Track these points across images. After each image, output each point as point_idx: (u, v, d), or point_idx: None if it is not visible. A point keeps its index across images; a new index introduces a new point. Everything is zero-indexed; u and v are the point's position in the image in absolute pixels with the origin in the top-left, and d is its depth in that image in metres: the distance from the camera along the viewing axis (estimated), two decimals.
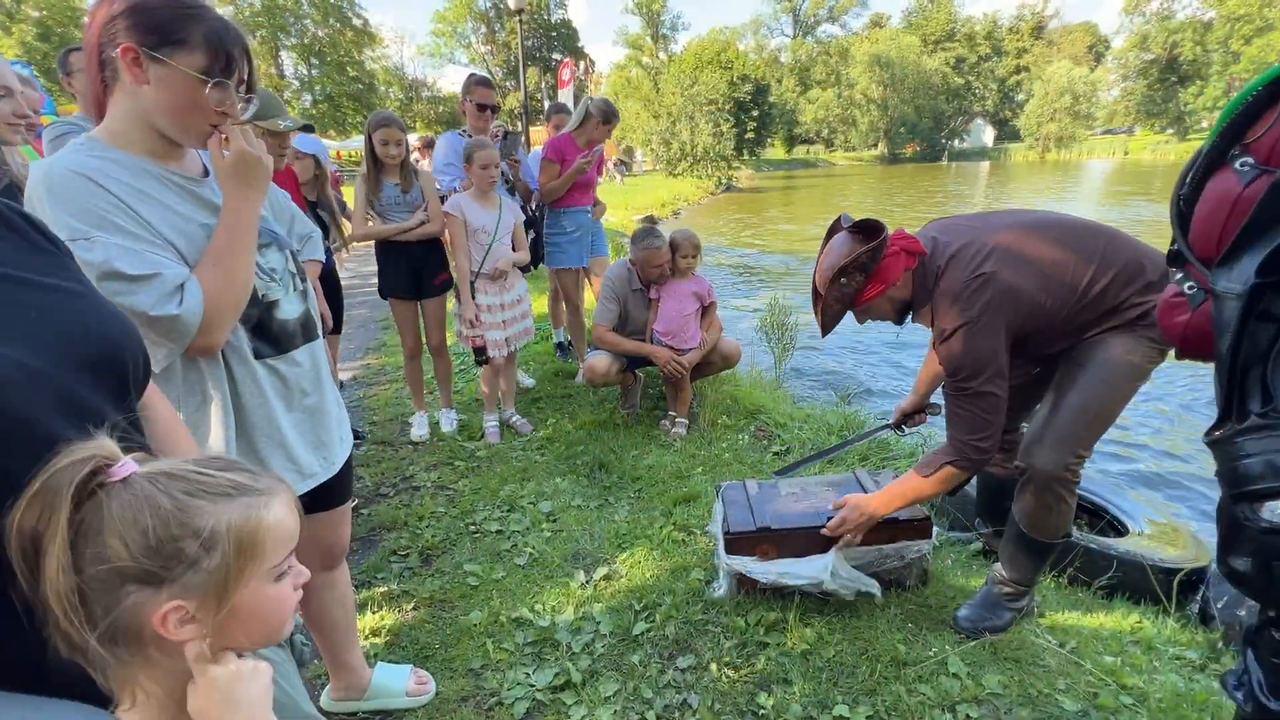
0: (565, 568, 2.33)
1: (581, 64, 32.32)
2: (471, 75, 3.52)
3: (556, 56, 49.72)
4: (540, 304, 4.99)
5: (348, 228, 3.28)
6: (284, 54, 42.89)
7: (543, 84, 45.78)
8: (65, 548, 0.54)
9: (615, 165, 26.40)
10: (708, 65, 38.35)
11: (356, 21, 43.81)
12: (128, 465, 0.59)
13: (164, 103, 1.02)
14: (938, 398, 2.15)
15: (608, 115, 3.56)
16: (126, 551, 0.56)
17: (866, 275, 1.71)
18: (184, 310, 0.99)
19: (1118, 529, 2.60)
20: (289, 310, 1.24)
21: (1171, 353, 1.74)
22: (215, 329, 1.06)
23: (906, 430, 2.38)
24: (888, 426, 2.43)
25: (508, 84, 45.03)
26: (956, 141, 62.26)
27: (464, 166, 3.09)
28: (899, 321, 1.86)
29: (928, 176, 35.96)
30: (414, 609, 2.13)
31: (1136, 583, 2.18)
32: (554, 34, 53.98)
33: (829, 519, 1.93)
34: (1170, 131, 51.29)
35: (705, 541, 2.38)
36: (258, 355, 1.19)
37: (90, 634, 0.55)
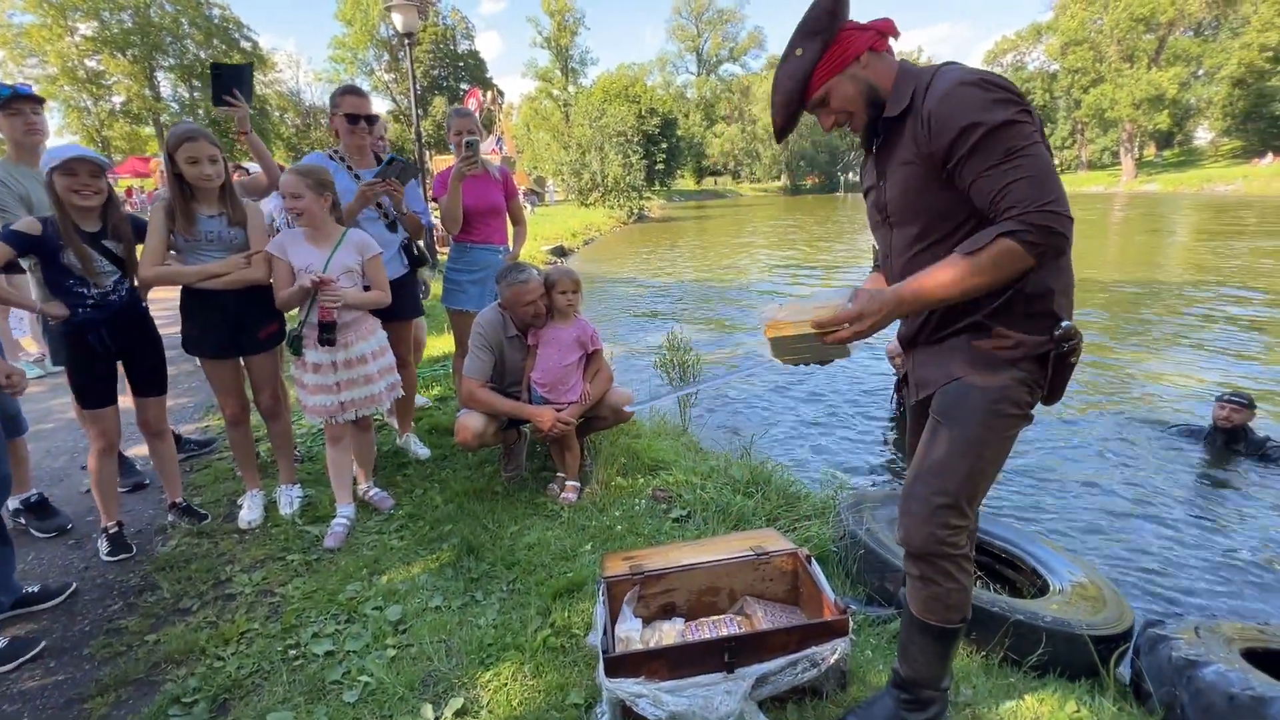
0: (409, 700, 1.82)
1: (489, 94, 31.77)
2: (340, 86, 3.01)
3: (464, 86, 48.97)
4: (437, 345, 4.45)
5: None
6: (160, 75, 39.57)
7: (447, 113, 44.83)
8: None
9: (526, 195, 25.98)
10: (616, 98, 39.04)
11: (245, 44, 41.23)
12: None
13: None
14: None
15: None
16: None
17: (824, 42, 1.34)
18: None
19: (1035, 583, 2.43)
20: None
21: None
22: None
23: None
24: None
25: (412, 113, 43.68)
26: (851, 175, 66.60)
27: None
28: (869, 123, 1.40)
29: (826, 206, 38.07)
30: None
31: (1067, 654, 1.96)
32: (461, 64, 53.25)
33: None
34: None
35: (588, 649, 1.95)
36: None
37: None
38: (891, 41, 1.40)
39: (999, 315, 1.35)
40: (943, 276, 1.26)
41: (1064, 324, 1.35)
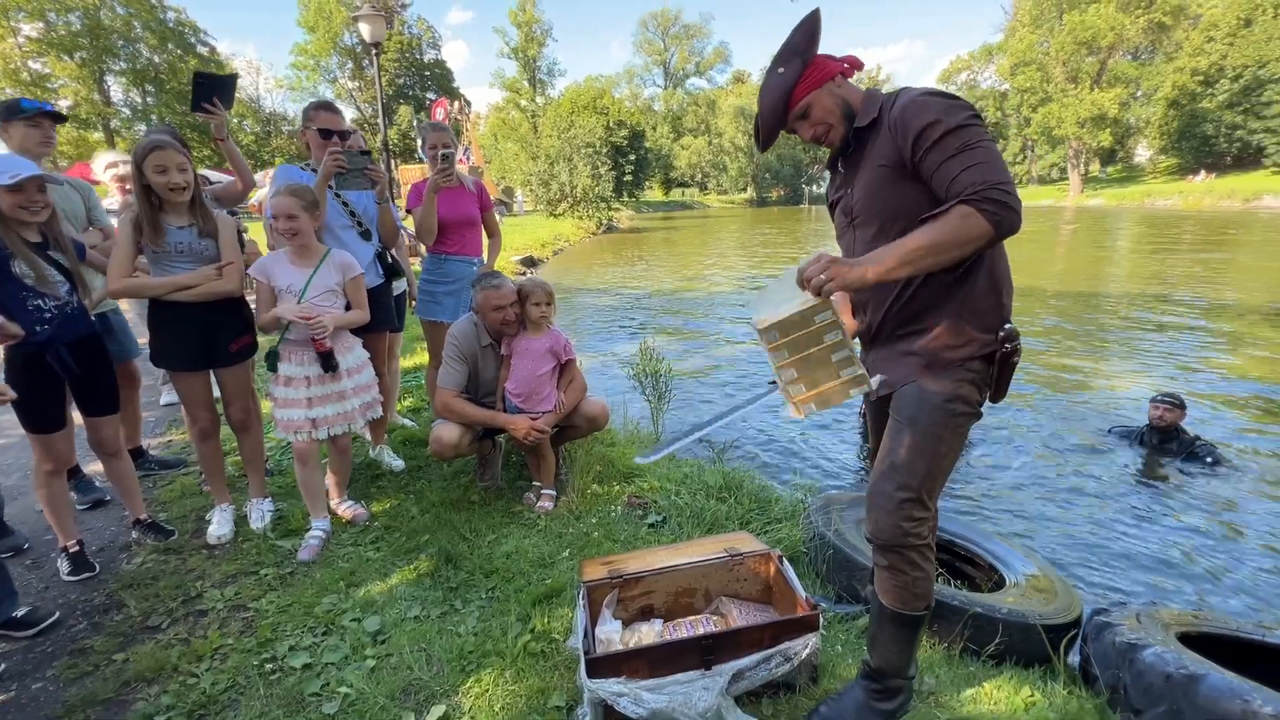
0: (391, 710, 1.83)
1: (456, 103, 31.59)
2: (313, 101, 3.01)
3: (430, 96, 48.61)
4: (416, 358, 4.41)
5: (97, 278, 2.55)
6: (111, 79, 38.19)
7: (415, 122, 44.44)
8: None
9: (495, 205, 25.85)
10: (584, 110, 39.24)
11: (202, 49, 40.12)
12: None
13: None
14: None
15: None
16: None
17: (804, 62, 1.52)
18: None
19: (992, 577, 2.56)
20: None
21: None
22: None
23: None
24: (772, 383, 2.15)
25: (378, 121, 43.16)
26: (814, 187, 68.17)
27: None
28: (845, 136, 1.56)
29: (791, 219, 38.84)
30: None
31: (1022, 643, 2.08)
32: (427, 73, 52.87)
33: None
34: None
35: (568, 653, 1.99)
36: None
37: None
38: (856, 74, 1.59)
39: (952, 312, 1.49)
40: (906, 240, 1.38)
41: (1007, 325, 1.52)
